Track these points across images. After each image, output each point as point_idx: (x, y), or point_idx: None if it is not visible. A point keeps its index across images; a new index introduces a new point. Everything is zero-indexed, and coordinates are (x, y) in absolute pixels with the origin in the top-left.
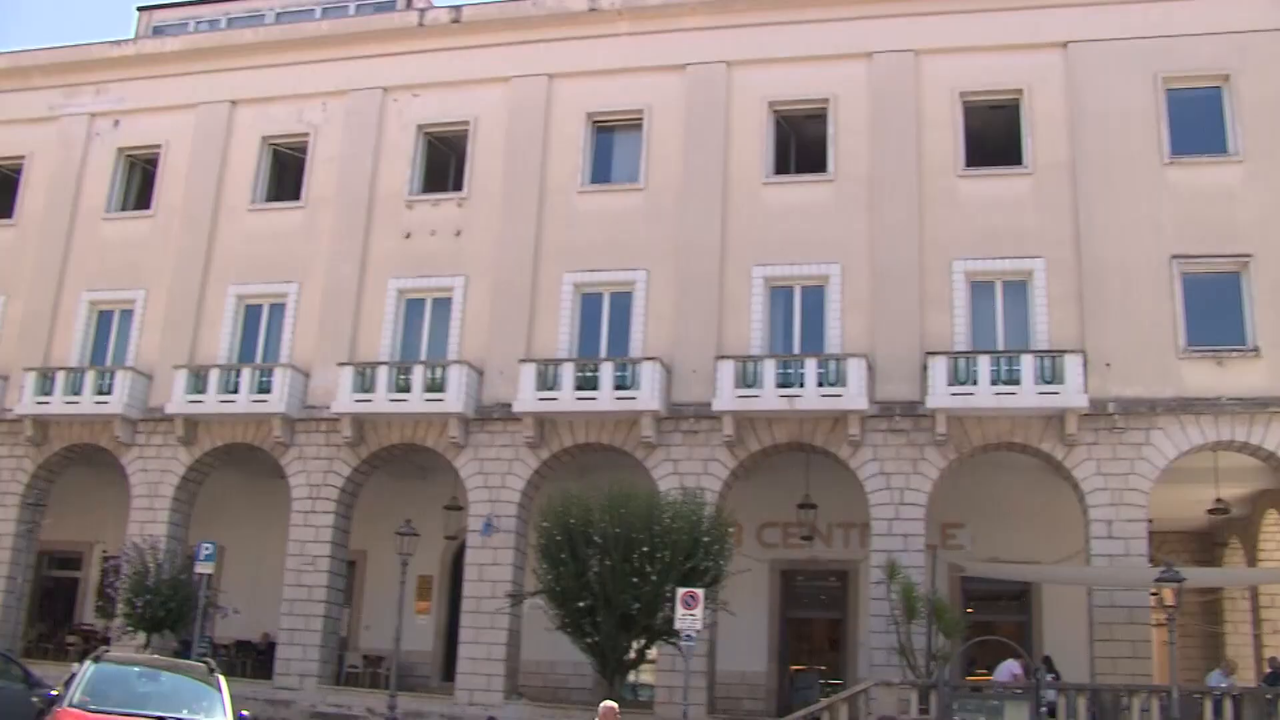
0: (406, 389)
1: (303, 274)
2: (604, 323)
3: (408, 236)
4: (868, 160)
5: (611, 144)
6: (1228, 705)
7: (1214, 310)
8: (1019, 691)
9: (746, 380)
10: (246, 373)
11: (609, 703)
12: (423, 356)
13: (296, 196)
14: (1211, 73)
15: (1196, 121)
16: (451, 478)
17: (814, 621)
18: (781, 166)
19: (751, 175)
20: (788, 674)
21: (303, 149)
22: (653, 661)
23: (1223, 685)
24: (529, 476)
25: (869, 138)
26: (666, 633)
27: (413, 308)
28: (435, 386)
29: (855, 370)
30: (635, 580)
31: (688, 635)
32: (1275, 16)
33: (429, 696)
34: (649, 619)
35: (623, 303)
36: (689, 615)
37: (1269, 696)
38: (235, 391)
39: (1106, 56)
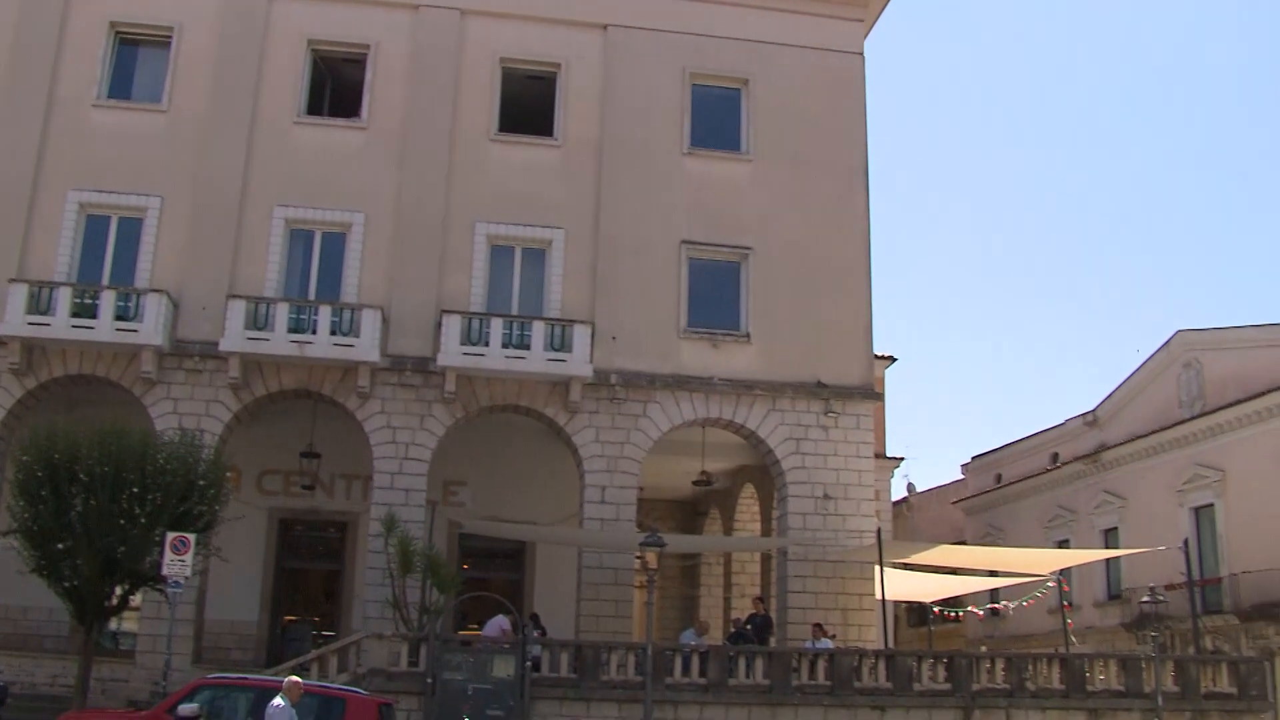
0: None
1: None
2: (110, 247)
3: None
4: (403, 112)
5: (136, 59)
6: (695, 660)
7: (714, 296)
8: (507, 646)
9: (257, 322)
10: None
11: (293, 677)
12: None
13: None
14: (733, 75)
15: (716, 118)
16: None
17: (311, 572)
18: (315, 108)
19: (283, 112)
20: (280, 624)
21: None
22: (136, 609)
23: (693, 643)
24: (11, 406)
25: (406, 90)
26: (153, 578)
27: None
28: None
29: (369, 321)
30: (123, 522)
31: (175, 581)
32: (790, 33)
33: None
34: (135, 563)
35: (132, 229)
36: (178, 560)
37: (730, 654)
38: None
39: (641, 45)
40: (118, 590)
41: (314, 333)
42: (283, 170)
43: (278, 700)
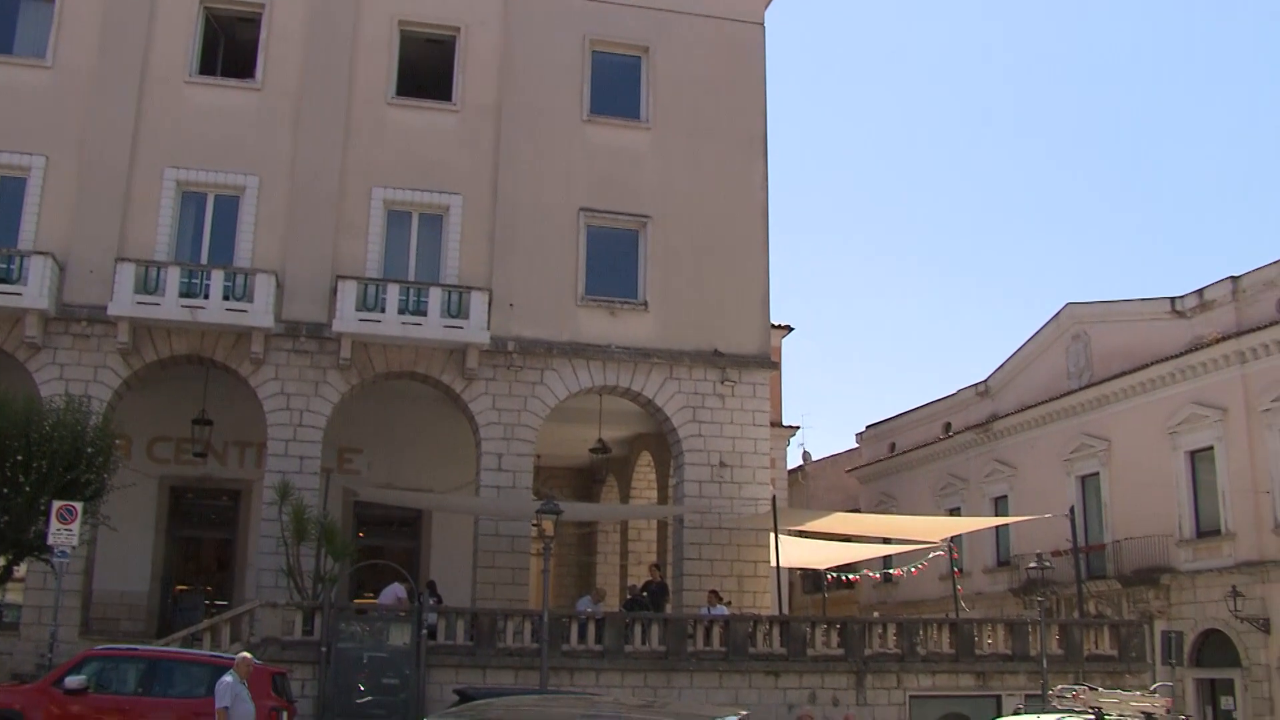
0: None
1: None
2: None
3: None
4: (298, 74)
5: (17, 11)
6: (591, 628)
7: (612, 264)
8: (402, 615)
9: (147, 286)
10: None
11: (245, 654)
12: None
13: None
14: (633, 43)
15: (616, 86)
16: None
17: (203, 541)
18: (208, 67)
19: (174, 71)
20: (171, 594)
21: None
22: (21, 580)
23: (589, 610)
24: None
25: (303, 51)
26: (38, 548)
27: None
28: None
29: (263, 286)
30: (6, 491)
31: (62, 551)
32: (690, 1)
33: None
34: (19, 533)
35: (15, 189)
36: (64, 530)
37: (627, 621)
38: None
39: (542, 10)
40: (1, 561)
41: (206, 297)
42: (174, 131)
43: (226, 677)
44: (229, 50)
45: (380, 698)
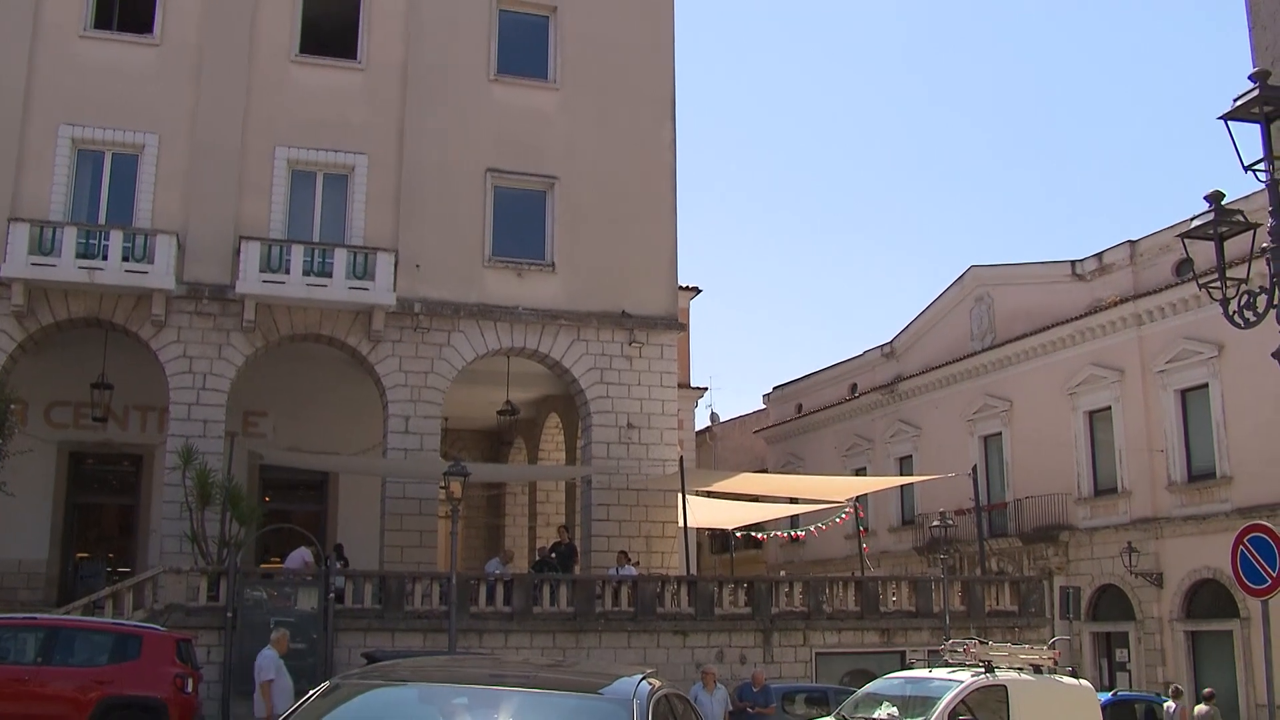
0: None
1: None
2: None
3: None
4: (199, 28)
5: None
6: (500, 589)
7: (520, 225)
8: (309, 579)
9: (42, 247)
10: None
11: (282, 629)
12: None
13: None
14: (541, 1)
15: (523, 45)
16: None
17: (104, 507)
18: (104, 21)
19: (68, 24)
20: (72, 562)
21: None
22: None
23: (498, 572)
24: None
25: (203, 5)
26: None
27: None
28: None
29: (164, 247)
30: None
31: None
32: None
33: None
34: None
35: None
36: None
37: (535, 582)
38: None
39: None
40: None
41: (105, 258)
42: (68, 86)
43: (268, 650)
44: (125, 3)
45: (287, 662)
